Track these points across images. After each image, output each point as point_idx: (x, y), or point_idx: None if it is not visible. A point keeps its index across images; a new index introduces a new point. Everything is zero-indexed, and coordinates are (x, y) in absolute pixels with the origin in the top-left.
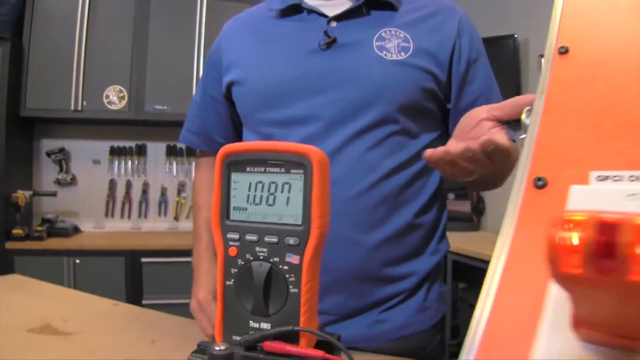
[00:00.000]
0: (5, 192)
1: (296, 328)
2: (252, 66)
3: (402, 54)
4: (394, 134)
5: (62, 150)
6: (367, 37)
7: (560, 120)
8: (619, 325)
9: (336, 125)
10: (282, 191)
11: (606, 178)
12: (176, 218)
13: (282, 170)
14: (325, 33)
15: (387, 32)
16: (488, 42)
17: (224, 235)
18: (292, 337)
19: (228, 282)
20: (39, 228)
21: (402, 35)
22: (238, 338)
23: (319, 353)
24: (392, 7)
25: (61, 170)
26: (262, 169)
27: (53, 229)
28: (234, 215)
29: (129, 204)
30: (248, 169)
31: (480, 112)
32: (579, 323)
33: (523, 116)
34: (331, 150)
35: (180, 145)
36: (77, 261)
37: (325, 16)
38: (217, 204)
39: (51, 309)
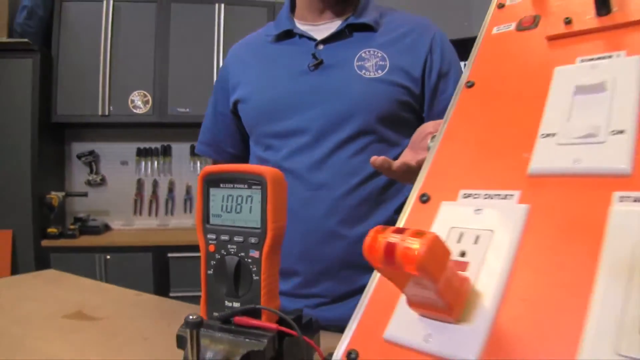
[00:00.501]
0: (39, 194)
1: (257, 307)
2: (253, 86)
3: (379, 71)
4: (374, 142)
5: (91, 152)
6: (348, 57)
7: (452, 145)
8: (425, 304)
9: (323, 136)
10: (246, 202)
11: (469, 196)
12: None
13: (246, 186)
14: (314, 55)
15: (367, 52)
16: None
17: (205, 235)
18: (256, 314)
19: (209, 272)
20: (72, 227)
21: (379, 54)
22: (217, 314)
23: (274, 326)
24: (372, 29)
25: (91, 171)
26: (232, 185)
27: (85, 227)
28: (212, 220)
29: (155, 202)
30: (221, 185)
31: (428, 126)
32: (410, 303)
33: (429, 140)
34: (320, 157)
35: None
36: (108, 257)
37: (314, 40)
38: (199, 211)
39: (83, 298)
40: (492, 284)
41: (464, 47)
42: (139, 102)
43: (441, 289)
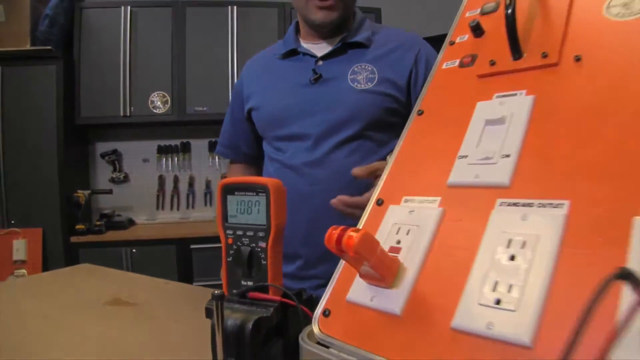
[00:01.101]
0: (67, 193)
1: (265, 284)
2: (264, 96)
3: (369, 83)
4: (366, 143)
5: (114, 151)
6: (343, 72)
7: (402, 161)
8: (368, 275)
9: (322, 140)
10: (255, 206)
11: (408, 200)
12: None
13: (254, 193)
14: (314, 71)
15: (358, 66)
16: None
17: (225, 231)
18: (265, 290)
19: (229, 259)
20: (98, 223)
21: (369, 68)
22: (235, 291)
23: (278, 298)
24: (365, 46)
25: (115, 169)
26: (243, 193)
27: (111, 223)
28: (230, 219)
29: (177, 197)
30: (236, 193)
31: (375, 166)
32: (361, 276)
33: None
34: (319, 157)
35: None
36: (134, 250)
37: (315, 56)
38: (219, 213)
39: (118, 287)
40: (415, 262)
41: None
42: (159, 103)
43: (375, 266)
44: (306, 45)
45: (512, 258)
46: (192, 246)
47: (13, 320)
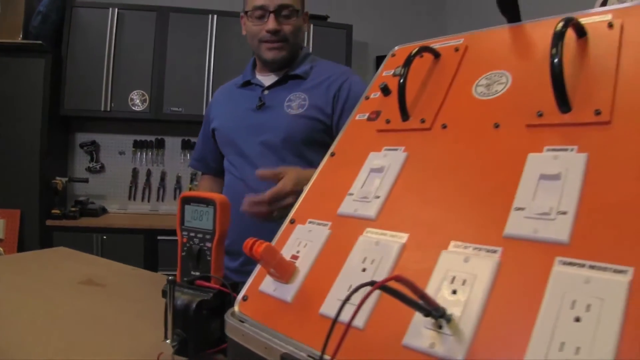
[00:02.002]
0: (46, 178)
1: (208, 275)
2: (222, 119)
3: (300, 109)
4: (299, 160)
5: (93, 142)
6: (281, 100)
7: (313, 190)
8: (273, 274)
9: (264, 157)
10: (205, 215)
11: (311, 222)
12: None
13: (204, 205)
14: (260, 99)
15: (294, 95)
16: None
17: (181, 232)
18: (208, 279)
19: (182, 253)
20: (73, 209)
21: (302, 96)
22: (185, 279)
23: (217, 286)
24: (303, 78)
25: (92, 159)
26: (197, 204)
27: (85, 210)
28: (185, 223)
29: (148, 190)
30: (192, 203)
31: (287, 186)
32: (268, 274)
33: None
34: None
35: (194, 140)
36: (104, 237)
37: (263, 86)
38: (178, 218)
39: (91, 270)
40: (306, 266)
41: None
42: (138, 101)
43: (276, 267)
44: (259, 77)
45: (365, 264)
46: (159, 237)
47: None
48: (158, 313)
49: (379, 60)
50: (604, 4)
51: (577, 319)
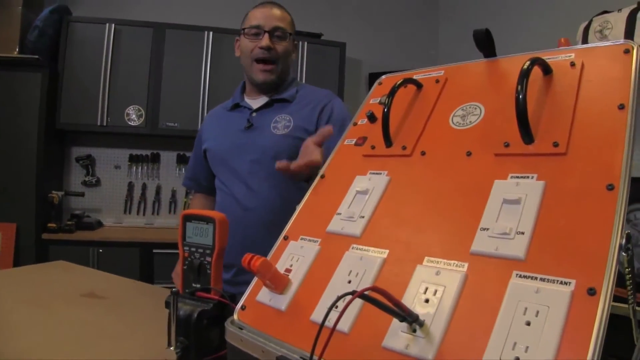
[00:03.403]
0: (42, 192)
1: (209, 287)
2: (213, 140)
3: (286, 130)
4: (285, 178)
5: (88, 156)
6: (268, 121)
7: (305, 210)
8: (268, 285)
9: (252, 174)
10: (205, 231)
11: (303, 239)
12: None
13: (204, 223)
14: (248, 120)
15: (280, 117)
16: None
17: (183, 247)
18: (208, 291)
19: (184, 267)
20: (69, 222)
21: (287, 118)
22: (187, 290)
23: (216, 297)
24: (288, 101)
25: (87, 173)
26: (197, 221)
27: (80, 223)
28: (187, 239)
29: (144, 203)
30: (193, 220)
31: (309, 140)
32: (264, 285)
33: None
34: (250, 188)
35: (189, 154)
36: (100, 250)
37: (251, 109)
38: (180, 234)
39: (92, 283)
40: (298, 279)
41: None
42: (134, 115)
43: (271, 280)
44: (248, 100)
45: (350, 276)
46: (155, 250)
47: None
48: (159, 323)
49: (372, 77)
50: (584, 39)
51: (528, 323)
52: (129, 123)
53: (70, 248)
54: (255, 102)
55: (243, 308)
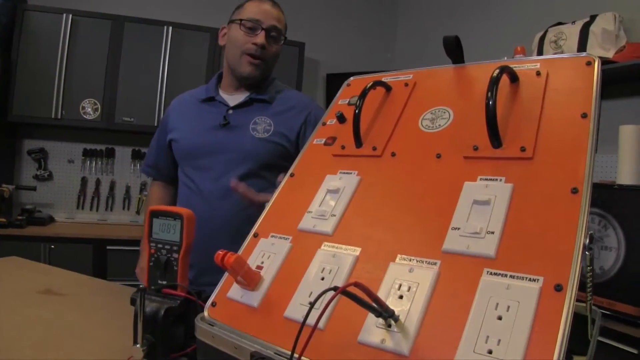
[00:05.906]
0: None
1: (175, 284)
2: (182, 132)
3: (266, 133)
4: (258, 181)
5: (41, 150)
6: (247, 122)
7: (274, 207)
8: (240, 282)
9: (225, 174)
10: (172, 227)
11: (273, 236)
12: (138, 212)
13: (171, 219)
14: (224, 117)
15: (259, 118)
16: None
17: (150, 243)
18: (174, 288)
19: (151, 263)
20: (20, 217)
21: (268, 121)
22: (153, 287)
23: (183, 294)
24: (268, 102)
25: (40, 167)
26: (165, 217)
27: (31, 218)
28: (154, 235)
29: (97, 199)
30: (160, 217)
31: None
32: (236, 282)
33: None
34: (220, 188)
35: (144, 150)
36: (52, 247)
37: (227, 105)
38: (146, 230)
39: (47, 280)
40: (270, 276)
41: None
42: (89, 109)
43: (243, 276)
44: (223, 95)
45: (323, 273)
46: (108, 247)
47: None
48: (122, 320)
49: (330, 78)
50: (540, 48)
51: (499, 318)
52: (84, 117)
53: (21, 244)
54: (232, 98)
55: (214, 305)
